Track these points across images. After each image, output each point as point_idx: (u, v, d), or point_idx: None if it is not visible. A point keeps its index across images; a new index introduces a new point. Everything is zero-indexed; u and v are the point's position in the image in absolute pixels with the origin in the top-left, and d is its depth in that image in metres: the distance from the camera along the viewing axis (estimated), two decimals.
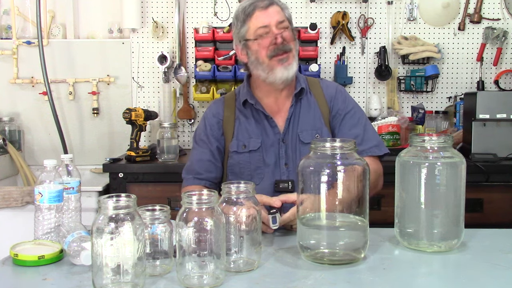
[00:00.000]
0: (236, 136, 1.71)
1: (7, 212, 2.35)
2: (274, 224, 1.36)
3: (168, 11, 3.10)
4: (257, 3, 1.62)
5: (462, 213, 1.26)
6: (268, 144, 1.69)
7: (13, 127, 3.07)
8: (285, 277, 1.09)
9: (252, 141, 1.69)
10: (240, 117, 1.73)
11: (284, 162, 1.67)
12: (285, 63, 1.61)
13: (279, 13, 1.62)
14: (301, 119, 1.70)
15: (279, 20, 1.61)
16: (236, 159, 1.69)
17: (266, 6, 1.61)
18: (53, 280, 1.08)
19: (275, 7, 1.63)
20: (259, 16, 1.61)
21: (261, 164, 1.68)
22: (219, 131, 1.74)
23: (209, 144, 1.73)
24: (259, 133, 1.70)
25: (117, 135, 3.15)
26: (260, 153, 1.68)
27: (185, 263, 1.03)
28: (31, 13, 3.10)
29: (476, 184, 2.43)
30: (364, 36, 3.09)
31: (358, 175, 1.16)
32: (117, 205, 0.99)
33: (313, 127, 1.69)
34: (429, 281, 1.09)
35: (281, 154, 1.68)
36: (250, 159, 1.68)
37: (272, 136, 1.69)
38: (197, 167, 1.73)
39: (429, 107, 3.11)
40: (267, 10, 1.61)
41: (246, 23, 1.63)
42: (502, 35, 3.05)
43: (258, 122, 1.71)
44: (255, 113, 1.72)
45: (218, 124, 1.75)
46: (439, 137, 1.26)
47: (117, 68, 3.14)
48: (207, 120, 1.77)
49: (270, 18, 1.60)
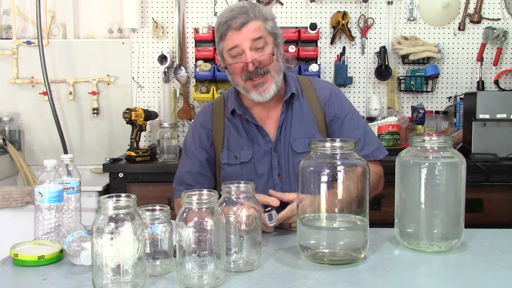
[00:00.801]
0: (227, 147, 1.66)
1: (7, 212, 2.35)
2: (270, 221, 1.36)
3: (168, 11, 3.10)
4: (231, 22, 1.51)
5: (462, 213, 1.26)
6: (260, 154, 1.63)
7: (13, 127, 3.07)
8: (285, 277, 1.09)
9: (243, 152, 1.63)
10: (229, 127, 1.67)
11: (278, 173, 1.62)
12: (260, 89, 1.54)
13: (256, 31, 1.51)
14: (293, 126, 1.63)
15: (254, 38, 1.50)
16: (228, 171, 1.64)
17: (239, 26, 1.50)
18: (53, 280, 1.08)
19: (252, 24, 1.51)
20: (232, 37, 1.52)
21: (253, 175, 1.61)
22: (208, 142, 1.69)
23: (198, 155, 1.68)
24: (250, 143, 1.64)
25: (117, 135, 3.15)
26: (252, 164, 1.62)
27: (185, 263, 1.03)
28: (31, 13, 3.10)
29: (476, 184, 2.43)
30: (364, 36, 3.09)
31: (358, 175, 1.16)
32: (117, 205, 0.99)
33: (305, 134, 1.62)
34: (429, 281, 1.09)
35: (274, 165, 1.62)
36: (241, 171, 1.62)
37: (264, 146, 1.63)
38: (187, 179, 1.69)
39: (429, 107, 3.11)
40: (241, 31, 1.50)
41: (220, 42, 1.57)
42: (502, 35, 3.05)
43: (248, 132, 1.65)
44: (244, 123, 1.65)
45: (207, 134, 1.69)
46: (439, 137, 1.26)
47: (117, 68, 3.14)
48: (195, 131, 1.71)
49: (243, 40, 1.51)
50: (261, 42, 1.53)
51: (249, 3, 1.59)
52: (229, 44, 1.53)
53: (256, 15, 1.53)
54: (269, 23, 1.56)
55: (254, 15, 1.52)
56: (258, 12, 1.54)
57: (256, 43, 1.52)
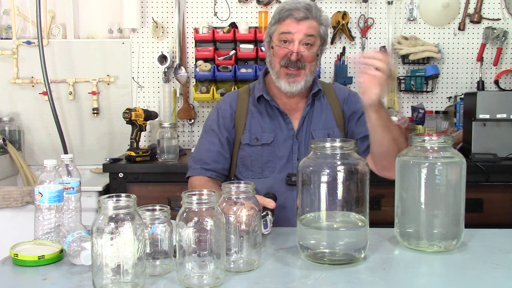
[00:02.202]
0: (249, 129, 1.74)
1: (7, 212, 2.35)
2: (265, 229, 1.34)
3: (168, 11, 3.10)
4: (294, 12, 1.62)
5: (462, 213, 1.26)
6: (282, 139, 1.72)
7: (13, 127, 3.08)
8: (285, 277, 1.09)
9: (265, 135, 1.72)
10: (253, 112, 1.76)
11: (297, 157, 1.71)
12: (291, 79, 1.65)
13: (312, 28, 1.63)
14: (315, 118, 1.75)
15: (308, 33, 1.62)
16: (248, 151, 1.72)
17: (300, 19, 1.61)
18: (53, 280, 1.08)
19: (311, 21, 1.63)
20: (290, 25, 1.62)
21: (272, 157, 1.71)
22: (231, 123, 1.76)
23: (220, 134, 1.74)
24: (272, 128, 1.73)
25: (117, 135, 3.15)
26: (272, 147, 1.71)
27: (185, 263, 1.03)
28: (31, 13, 3.10)
29: (476, 184, 2.43)
30: (364, 36, 3.09)
31: (358, 175, 1.16)
32: (117, 205, 0.99)
33: (325, 126, 1.74)
34: (429, 281, 1.10)
35: (294, 149, 1.71)
36: (262, 152, 1.71)
37: (286, 132, 1.73)
38: (205, 157, 1.73)
39: (429, 107, 3.11)
40: (299, 23, 1.61)
41: (276, 24, 1.67)
42: (502, 35, 3.05)
43: (272, 118, 1.74)
44: (269, 109, 1.75)
45: (231, 116, 1.76)
46: (439, 137, 1.26)
47: (117, 68, 3.14)
48: (220, 111, 1.78)
49: (298, 31, 1.61)
50: (311, 39, 1.64)
51: (313, 3, 1.69)
52: (284, 28, 1.63)
53: (316, 16, 1.65)
54: (323, 28, 1.68)
55: (315, 15, 1.64)
56: (319, 14, 1.66)
57: (308, 39, 1.63)
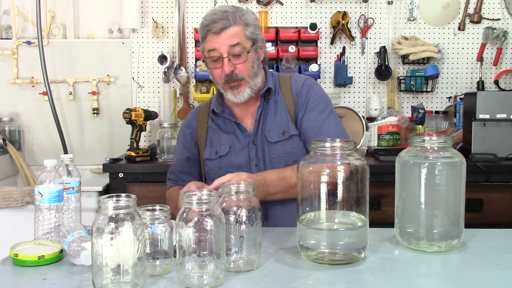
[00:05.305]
0: (210, 144, 1.76)
1: (7, 212, 2.35)
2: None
3: (168, 11, 3.10)
4: (211, 26, 1.58)
5: (462, 213, 1.26)
6: (238, 148, 1.70)
7: (13, 127, 3.08)
8: (285, 277, 1.09)
9: (223, 147, 1.72)
10: (212, 126, 1.77)
11: (255, 163, 1.68)
12: (235, 90, 1.64)
13: (234, 36, 1.58)
14: (269, 118, 1.71)
15: (230, 44, 1.57)
16: (210, 166, 1.73)
17: (219, 31, 1.57)
18: (53, 280, 1.08)
19: (232, 29, 1.58)
20: (211, 41, 1.59)
21: (230, 168, 1.67)
22: (192, 141, 1.80)
23: (181, 153, 1.82)
24: (229, 139, 1.73)
25: (117, 135, 3.15)
26: (228, 157, 1.70)
27: (185, 263, 1.03)
28: (31, 13, 3.10)
29: (476, 184, 2.43)
30: (364, 36, 3.09)
31: (358, 175, 1.16)
32: (117, 205, 0.99)
33: (280, 124, 1.69)
34: (429, 281, 1.09)
35: (252, 156, 1.69)
36: (220, 164, 1.71)
37: (243, 140, 1.71)
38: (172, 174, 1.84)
39: (429, 107, 3.11)
40: (219, 35, 1.57)
41: (202, 42, 1.65)
42: (502, 35, 3.05)
43: (228, 129, 1.74)
44: (226, 121, 1.75)
45: (191, 134, 1.81)
46: (439, 137, 1.26)
47: (117, 68, 3.14)
48: (181, 131, 1.86)
49: (221, 45, 1.58)
50: (238, 48, 1.59)
51: (232, 7, 1.64)
52: (208, 46, 1.61)
53: (237, 21, 1.59)
54: (249, 28, 1.62)
55: (234, 20, 1.59)
56: (239, 17, 1.60)
57: (233, 49, 1.59)
